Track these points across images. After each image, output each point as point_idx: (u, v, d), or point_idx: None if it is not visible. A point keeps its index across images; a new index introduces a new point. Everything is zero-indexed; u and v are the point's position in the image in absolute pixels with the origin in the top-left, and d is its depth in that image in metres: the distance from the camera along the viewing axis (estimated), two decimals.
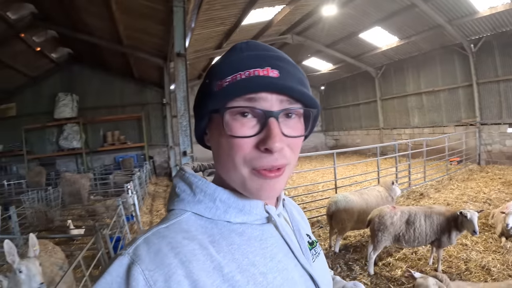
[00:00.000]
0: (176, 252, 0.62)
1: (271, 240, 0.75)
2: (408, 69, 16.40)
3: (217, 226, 0.71)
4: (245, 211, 0.74)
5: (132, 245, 0.64)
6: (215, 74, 0.72)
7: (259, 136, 0.67)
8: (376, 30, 14.09)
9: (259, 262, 0.69)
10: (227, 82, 0.69)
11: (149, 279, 0.57)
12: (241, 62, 0.70)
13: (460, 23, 11.86)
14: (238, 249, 0.69)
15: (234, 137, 0.67)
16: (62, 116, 17.53)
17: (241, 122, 0.68)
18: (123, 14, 9.91)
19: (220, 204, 0.73)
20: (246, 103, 0.67)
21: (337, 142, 23.19)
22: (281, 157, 0.69)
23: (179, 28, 6.26)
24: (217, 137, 0.72)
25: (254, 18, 12.31)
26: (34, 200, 8.45)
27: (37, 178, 13.46)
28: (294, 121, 0.73)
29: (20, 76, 16.58)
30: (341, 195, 5.84)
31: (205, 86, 0.74)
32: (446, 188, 9.17)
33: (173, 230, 0.67)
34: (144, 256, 0.60)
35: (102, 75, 18.64)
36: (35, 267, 2.89)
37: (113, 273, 0.59)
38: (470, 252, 5.03)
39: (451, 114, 14.43)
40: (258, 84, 0.67)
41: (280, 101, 0.69)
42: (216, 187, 0.74)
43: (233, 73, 0.69)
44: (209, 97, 0.71)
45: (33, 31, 13.38)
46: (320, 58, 19.21)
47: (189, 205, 0.73)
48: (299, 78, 0.74)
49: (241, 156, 0.68)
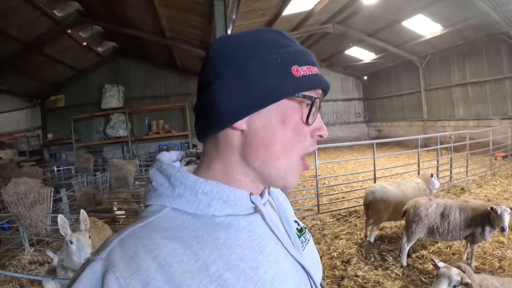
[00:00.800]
0: (154, 255, 0.57)
1: (258, 231, 0.70)
2: (453, 59, 15.79)
3: (200, 220, 0.66)
4: (229, 202, 0.68)
5: (105, 249, 0.58)
6: (287, 57, 0.68)
7: (313, 125, 0.72)
8: (419, 18, 13.64)
9: (248, 256, 0.65)
10: (304, 71, 0.69)
11: (125, 287, 0.53)
12: (304, 55, 0.71)
13: (506, 10, 11.27)
14: (224, 244, 0.64)
15: (308, 125, 0.70)
16: (109, 106, 18.42)
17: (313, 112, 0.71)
18: (165, 8, 10.22)
19: (202, 196, 0.67)
20: (321, 96, 0.74)
21: (380, 133, 22.74)
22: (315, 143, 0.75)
23: (220, 21, 6.46)
24: (281, 124, 0.68)
25: (294, 8, 12.32)
26: (83, 183, 9.01)
27: (85, 164, 14.22)
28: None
29: (68, 69, 17.62)
30: (378, 185, 5.87)
31: (273, 63, 0.67)
32: (489, 183, 8.90)
33: (150, 229, 0.62)
34: (118, 262, 0.55)
35: (146, 67, 19.31)
36: (85, 239, 3.18)
37: (85, 281, 0.55)
38: (506, 250, 4.92)
39: (497, 107, 13.82)
40: (325, 81, 0.72)
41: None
42: (197, 178, 0.68)
43: (307, 64, 0.70)
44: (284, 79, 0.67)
45: (79, 27, 14.21)
46: (362, 47, 18.85)
47: (168, 200, 0.68)
48: None
49: (304, 143, 0.71)
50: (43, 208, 6.13)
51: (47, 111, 19.01)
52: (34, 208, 5.96)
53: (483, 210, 4.32)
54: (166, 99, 19.54)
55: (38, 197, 6.05)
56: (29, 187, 6.12)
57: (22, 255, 5.61)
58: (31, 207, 5.93)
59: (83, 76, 18.99)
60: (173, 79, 19.79)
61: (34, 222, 5.94)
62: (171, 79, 19.77)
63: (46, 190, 6.27)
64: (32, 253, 5.58)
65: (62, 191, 7.02)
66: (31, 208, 5.93)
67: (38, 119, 18.96)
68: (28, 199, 5.89)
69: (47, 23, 12.51)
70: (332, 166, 13.73)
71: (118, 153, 19.11)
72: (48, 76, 16.88)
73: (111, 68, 19.24)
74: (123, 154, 19.00)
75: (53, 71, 16.45)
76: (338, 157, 16.93)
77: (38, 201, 6.03)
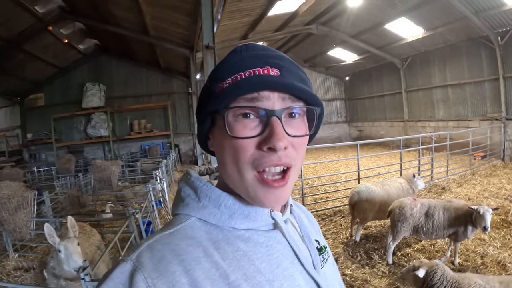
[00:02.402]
0: (180, 260, 0.61)
1: (277, 246, 0.73)
2: (434, 61, 16.08)
3: (222, 232, 0.70)
4: (250, 218, 0.72)
5: (135, 252, 0.63)
6: (215, 77, 0.72)
7: (262, 136, 0.66)
8: (402, 21, 13.89)
9: (265, 269, 0.67)
10: (227, 83, 0.68)
11: (152, 286, 0.57)
12: (241, 63, 0.69)
13: (487, 15, 11.57)
14: (244, 256, 0.67)
15: (237, 139, 0.66)
16: (90, 105, 18.11)
17: (243, 123, 0.67)
18: (150, 6, 10.14)
19: (225, 209, 0.71)
20: (247, 103, 0.67)
21: (361, 133, 23.01)
22: (285, 156, 0.67)
23: (207, 21, 6.44)
24: (220, 140, 0.71)
25: (279, 9, 12.38)
26: (66, 185, 8.84)
27: (67, 165, 13.98)
28: (298, 121, 0.71)
29: (49, 67, 17.29)
30: (363, 186, 5.98)
31: (206, 89, 0.73)
32: (469, 183, 9.11)
33: (177, 236, 0.66)
34: (147, 263, 0.60)
35: (129, 65, 19.12)
36: (74, 246, 3.09)
37: (115, 280, 0.58)
38: (488, 247, 5.06)
39: (476, 108, 14.12)
40: (259, 83, 0.66)
41: (282, 100, 0.68)
42: (221, 192, 0.73)
43: (234, 74, 0.68)
44: (210, 99, 0.70)
45: (61, 24, 13.97)
46: (345, 48, 19.07)
47: (193, 211, 0.72)
48: (300, 76, 0.73)
49: (245, 158, 0.67)
50: (27, 212, 5.93)
51: (26, 110, 18.59)
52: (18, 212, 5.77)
53: (466, 210, 4.44)
54: (148, 98, 19.31)
55: (22, 201, 5.84)
56: (12, 191, 5.90)
57: (6, 261, 5.40)
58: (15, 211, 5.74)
59: (64, 74, 18.63)
60: (155, 78, 19.63)
61: (18, 227, 5.73)
62: (153, 78, 19.60)
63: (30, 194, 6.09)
64: (16, 259, 5.38)
65: (45, 193, 6.81)
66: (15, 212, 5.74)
67: (17, 118, 18.52)
68: (12, 203, 5.70)
69: (29, 19, 12.25)
70: (315, 166, 13.82)
71: (100, 153, 18.85)
72: (28, 73, 16.56)
73: (93, 66, 18.92)
74: (104, 154, 18.75)
75: (33, 68, 16.13)
76: (320, 157, 17.09)
77: (22, 205, 5.84)
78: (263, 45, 0.76)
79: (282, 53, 0.76)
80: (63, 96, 18.50)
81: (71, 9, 13.07)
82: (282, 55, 0.74)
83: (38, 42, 13.79)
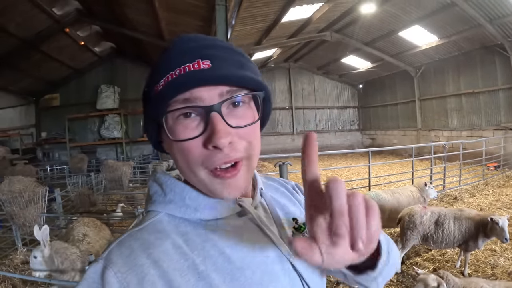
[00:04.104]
0: (149, 253, 0.62)
1: (247, 234, 0.71)
2: (448, 70, 16.02)
3: (190, 224, 0.70)
4: (216, 208, 0.71)
5: (106, 251, 0.64)
6: (151, 79, 0.69)
7: (205, 134, 0.64)
8: (416, 29, 13.88)
9: (236, 257, 0.66)
10: (161, 85, 0.65)
11: (123, 281, 0.58)
12: (171, 61, 0.66)
13: (501, 23, 11.51)
14: (213, 246, 0.66)
15: (180, 141, 0.65)
16: (104, 107, 18.34)
17: (183, 125, 0.65)
18: (166, 11, 10.23)
19: (190, 202, 0.71)
20: (183, 104, 0.64)
21: (374, 142, 22.91)
22: (233, 151, 0.66)
23: (221, 26, 6.46)
24: (168, 144, 0.71)
25: (293, 15, 12.43)
26: (77, 184, 8.95)
27: (79, 164, 14.15)
28: (243, 109, 0.69)
29: (65, 68, 17.52)
30: (373, 193, 5.93)
31: (145, 94, 0.71)
32: (481, 193, 8.97)
33: (146, 232, 0.67)
34: (116, 259, 0.61)
35: (143, 68, 19.10)
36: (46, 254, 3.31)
37: (89, 279, 0.59)
38: (498, 258, 4.99)
39: (490, 118, 14.03)
40: (189, 80, 0.63)
41: (219, 93, 0.65)
42: (185, 185, 0.73)
43: (165, 75, 0.65)
44: (149, 104, 0.69)
45: (77, 26, 14.17)
46: (359, 56, 19.07)
47: (160, 206, 0.72)
48: (238, 61, 0.69)
49: (193, 159, 0.66)
50: (38, 208, 6.07)
51: (41, 110, 18.89)
52: (29, 207, 5.90)
53: (479, 219, 4.37)
54: None
55: (33, 196, 5.98)
56: (24, 186, 6.07)
57: (14, 254, 5.53)
58: (26, 206, 5.87)
59: (79, 76, 18.91)
60: None
61: (28, 221, 5.86)
62: None
63: (41, 190, 6.21)
64: (25, 253, 5.50)
65: (56, 191, 6.90)
66: (26, 207, 5.87)
67: (32, 117, 18.84)
68: (23, 198, 5.83)
69: (46, 21, 12.50)
70: (326, 173, 13.74)
71: (112, 154, 18.99)
72: (44, 74, 16.83)
73: (108, 69, 19.19)
74: (116, 155, 18.85)
75: (49, 69, 16.39)
76: (332, 164, 16.97)
77: (32, 200, 5.97)
78: (195, 35, 0.71)
79: (215, 39, 0.73)
80: (78, 97, 18.78)
81: (88, 12, 13.27)
82: (215, 42, 0.70)
83: (54, 43, 14.04)
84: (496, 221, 4.12)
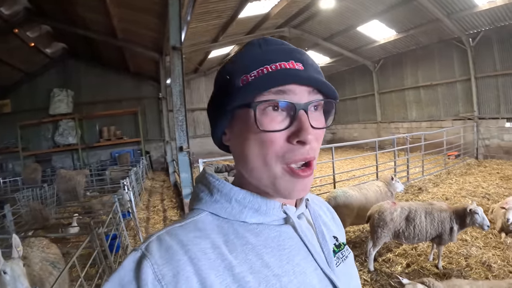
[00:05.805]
0: (186, 250, 0.63)
1: (289, 242, 0.73)
2: (406, 63, 16.35)
3: (232, 226, 0.71)
4: (261, 212, 0.73)
5: (146, 242, 0.66)
6: (237, 70, 0.70)
7: (290, 130, 0.67)
8: (374, 24, 13.99)
9: (274, 264, 0.67)
10: (252, 76, 0.67)
11: (158, 273, 0.59)
12: (265, 56, 0.69)
13: (458, 17, 11.79)
14: (252, 250, 0.68)
15: (266, 132, 0.66)
16: (58, 112, 17.43)
17: (271, 117, 0.67)
18: (117, 7, 9.79)
19: (235, 204, 0.72)
20: (275, 96, 0.66)
21: (334, 136, 23.01)
22: (312, 149, 0.69)
23: (174, 21, 6.19)
24: (244, 134, 0.70)
25: (251, 11, 12.17)
26: (29, 198, 8.31)
27: (33, 175, 13.32)
28: (319, 113, 0.72)
29: (16, 72, 16.46)
30: (340, 190, 5.77)
31: (226, 83, 0.71)
32: (445, 182, 9.14)
33: (186, 229, 0.68)
34: (154, 252, 0.62)
35: (97, 70, 18.47)
36: (19, 268, 2.84)
37: (126, 267, 0.61)
38: (470, 247, 4.99)
39: (449, 108, 14.42)
40: (287, 76, 0.66)
41: (308, 93, 0.68)
42: (232, 187, 0.74)
43: (259, 67, 0.67)
44: (233, 93, 0.69)
45: (27, 27, 13.25)
46: (318, 51, 19.08)
47: (206, 205, 0.74)
48: (319, 70, 0.73)
49: (273, 152, 0.67)
50: None
51: None
52: None
53: (451, 211, 4.32)
54: (118, 104, 18.60)
55: None
56: None
57: None
58: None
59: (31, 79, 17.75)
60: (125, 83, 18.97)
61: None
62: (123, 83, 18.91)
63: None
64: None
65: (6, 207, 6.39)
66: None
67: None
68: None
69: None
70: None
71: (68, 161, 18.13)
72: None
73: (60, 71, 18.14)
74: (73, 162, 18.08)
75: None
76: None
77: None
78: (280, 40, 0.76)
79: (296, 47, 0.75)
80: (31, 103, 17.61)
81: (38, 11, 12.47)
82: (301, 49, 0.74)
83: (3, 45, 13.11)
84: (475, 210, 4.14)
